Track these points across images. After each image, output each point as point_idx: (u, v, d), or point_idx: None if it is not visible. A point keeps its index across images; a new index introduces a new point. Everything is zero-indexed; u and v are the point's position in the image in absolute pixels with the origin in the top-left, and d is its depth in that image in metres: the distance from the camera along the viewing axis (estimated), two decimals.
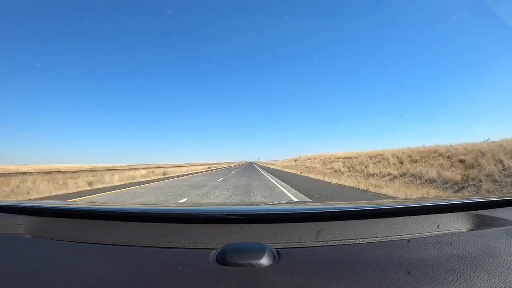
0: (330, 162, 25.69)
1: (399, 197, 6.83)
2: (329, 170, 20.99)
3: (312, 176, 16.88)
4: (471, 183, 9.32)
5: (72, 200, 7.16)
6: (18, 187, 11.01)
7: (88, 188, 11.80)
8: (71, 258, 0.67)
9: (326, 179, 14.13)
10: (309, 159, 36.80)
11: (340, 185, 11.21)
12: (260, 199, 7.21)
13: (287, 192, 8.72)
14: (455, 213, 0.86)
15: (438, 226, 0.80)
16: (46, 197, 9.10)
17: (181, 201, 7.16)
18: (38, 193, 9.54)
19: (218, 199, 7.50)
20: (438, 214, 0.85)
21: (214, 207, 1.35)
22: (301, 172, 21.21)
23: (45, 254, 0.70)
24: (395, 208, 0.93)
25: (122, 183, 14.37)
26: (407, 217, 0.84)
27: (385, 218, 0.83)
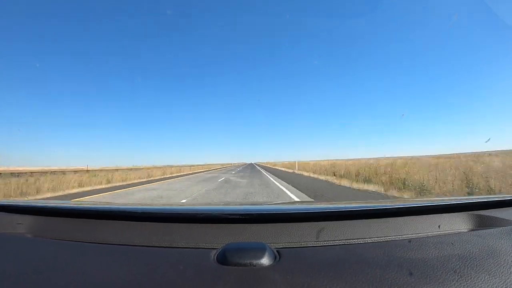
0: None
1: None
2: None
3: None
4: None
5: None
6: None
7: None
8: (72, 258, 0.67)
9: None
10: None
11: None
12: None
13: None
14: (456, 213, 0.86)
15: (439, 226, 0.80)
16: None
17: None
18: None
19: None
20: (439, 214, 0.85)
21: (215, 206, 1.35)
22: None
23: (46, 254, 0.70)
24: (396, 208, 0.93)
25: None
26: (408, 217, 0.84)
27: (386, 218, 0.83)
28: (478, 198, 1.03)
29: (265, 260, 0.59)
